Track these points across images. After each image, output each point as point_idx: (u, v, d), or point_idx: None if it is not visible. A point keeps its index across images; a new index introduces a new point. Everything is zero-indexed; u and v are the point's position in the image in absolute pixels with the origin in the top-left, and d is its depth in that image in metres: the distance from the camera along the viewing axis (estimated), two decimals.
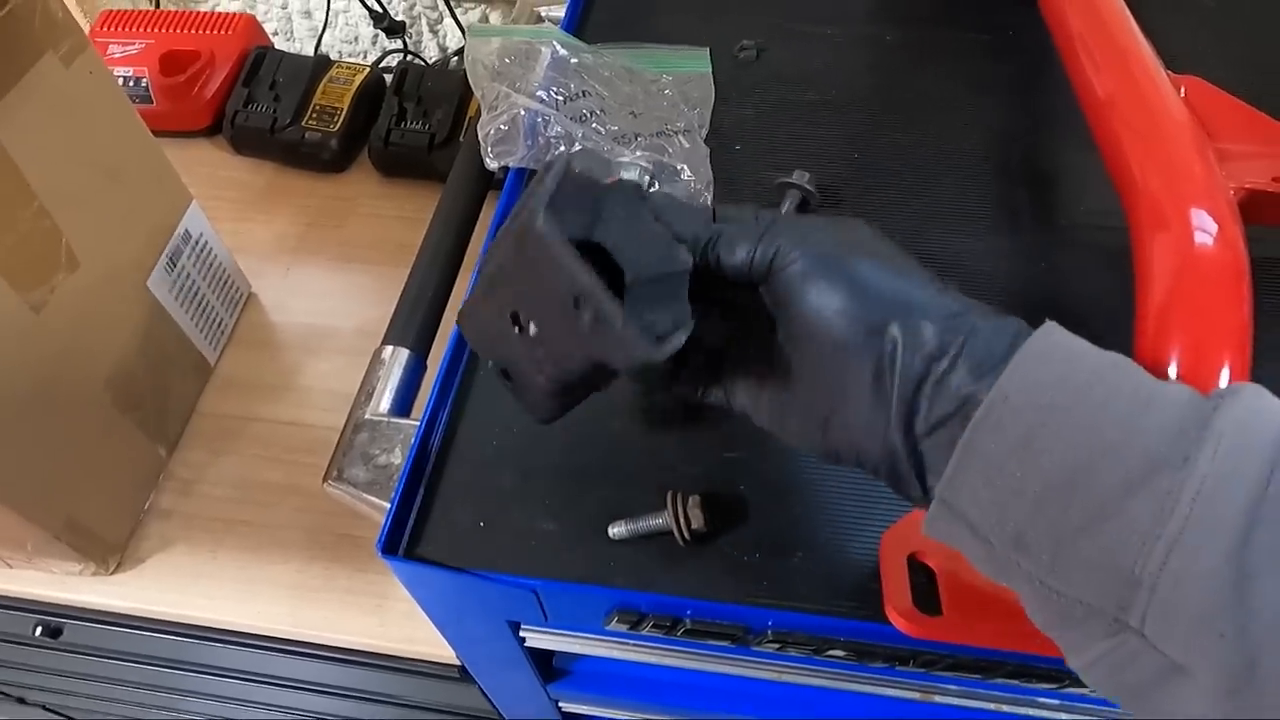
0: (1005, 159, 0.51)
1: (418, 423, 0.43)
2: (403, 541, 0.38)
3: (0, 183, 0.44)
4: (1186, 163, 0.37)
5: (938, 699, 0.42)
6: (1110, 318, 0.42)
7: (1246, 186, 0.37)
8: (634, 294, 0.27)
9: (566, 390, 0.31)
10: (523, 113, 0.48)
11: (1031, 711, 0.42)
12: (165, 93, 0.77)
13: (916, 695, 0.42)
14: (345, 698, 0.65)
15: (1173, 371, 0.33)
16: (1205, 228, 0.35)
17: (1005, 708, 0.42)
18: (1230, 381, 0.32)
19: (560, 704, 0.55)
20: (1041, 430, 0.25)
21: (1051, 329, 0.27)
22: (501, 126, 0.48)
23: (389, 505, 0.38)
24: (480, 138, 0.49)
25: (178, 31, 0.80)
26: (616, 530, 0.37)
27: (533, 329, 0.29)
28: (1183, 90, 0.42)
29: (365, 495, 0.42)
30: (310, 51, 0.99)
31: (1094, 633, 0.25)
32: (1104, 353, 0.27)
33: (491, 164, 0.49)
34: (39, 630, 0.64)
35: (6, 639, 0.69)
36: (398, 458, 0.43)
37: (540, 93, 0.51)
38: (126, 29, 0.80)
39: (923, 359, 0.27)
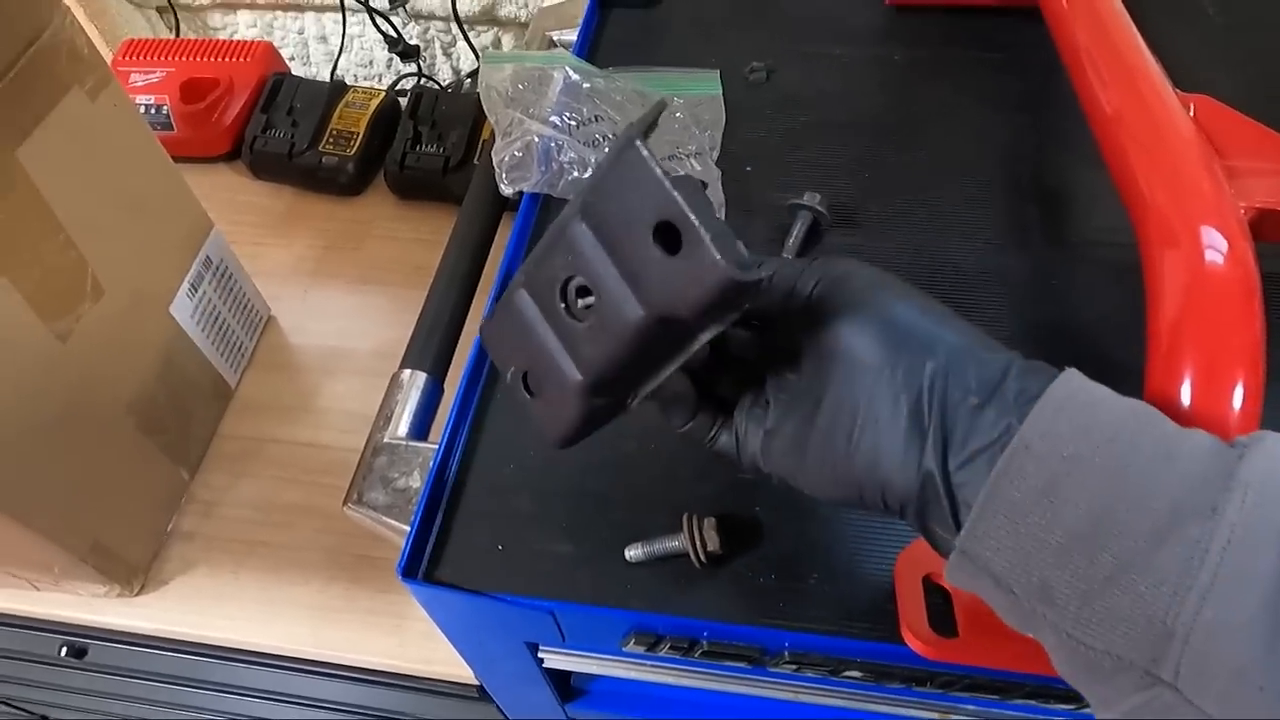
0: (1014, 177, 0.51)
1: (436, 446, 0.44)
2: (422, 565, 0.39)
3: (29, 217, 0.45)
4: (1195, 180, 0.37)
5: (955, 719, 0.42)
6: (1121, 334, 0.43)
7: (1257, 205, 0.37)
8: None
9: (600, 386, 0.30)
10: (536, 139, 0.49)
11: None
12: (186, 120, 0.79)
13: (935, 716, 0.42)
14: (365, 716, 0.66)
15: (1186, 389, 0.33)
16: (1215, 245, 0.35)
17: None
18: (1243, 401, 0.33)
19: None
20: (1065, 480, 0.25)
21: (1071, 376, 0.27)
22: (516, 153, 0.49)
23: (409, 529, 0.39)
24: (495, 164, 0.50)
25: (198, 59, 0.81)
26: (633, 553, 0.37)
27: (582, 303, 0.29)
28: (1191, 108, 0.42)
29: (385, 519, 0.43)
30: (326, 76, 1.01)
31: (1125, 686, 0.24)
32: (1124, 400, 0.27)
33: (506, 190, 0.50)
34: (64, 651, 0.65)
35: (33, 659, 0.70)
36: (416, 481, 0.44)
37: (554, 118, 0.51)
38: (148, 58, 0.82)
39: (962, 390, 0.27)
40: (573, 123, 0.52)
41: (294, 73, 0.84)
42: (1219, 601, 0.22)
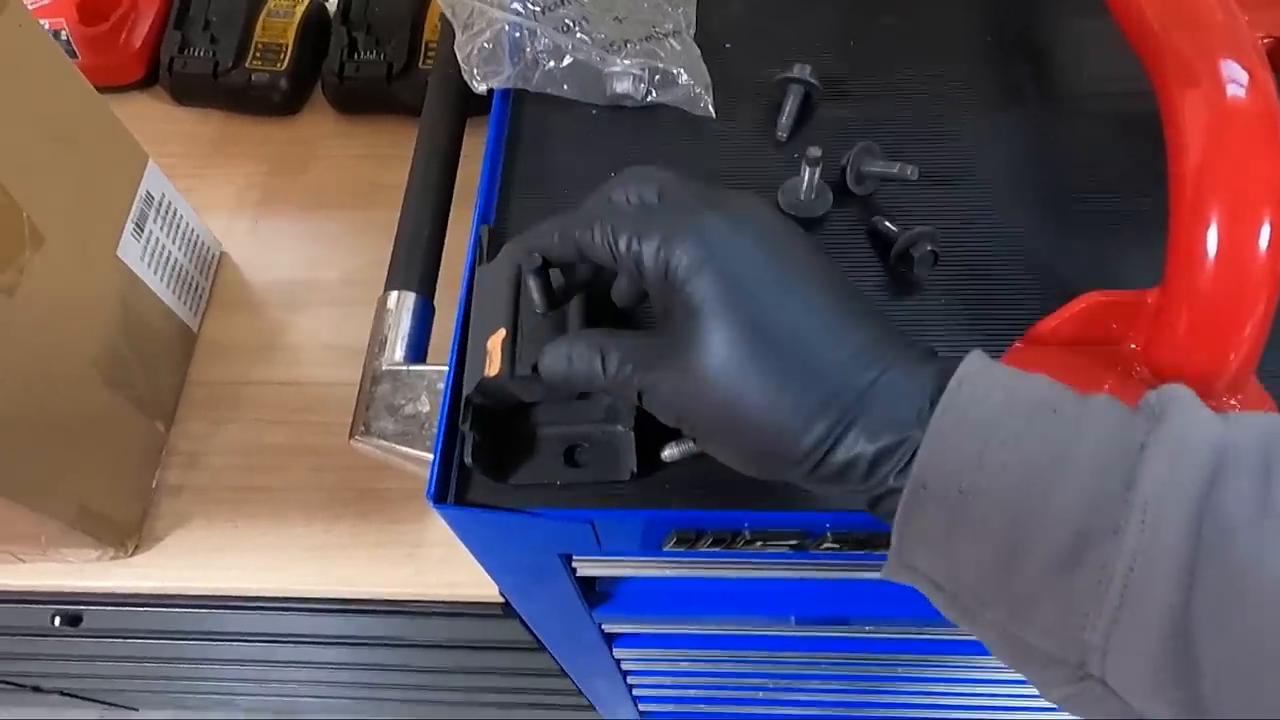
0: (1001, 33, 0.49)
1: (439, 369, 0.42)
2: (451, 488, 0.37)
3: None
4: (1209, 11, 0.36)
5: None
6: (1126, 184, 0.42)
7: (1264, 37, 0.37)
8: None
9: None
10: (505, 28, 0.45)
11: None
12: (89, 45, 0.71)
13: None
14: (383, 646, 0.66)
15: (1213, 234, 0.33)
16: (1237, 79, 0.34)
17: None
18: (1270, 240, 0.32)
19: (603, 626, 0.56)
20: (966, 514, 0.24)
21: (963, 380, 0.25)
22: (485, 45, 0.45)
23: (432, 454, 0.37)
24: (461, 59, 0.46)
25: None
26: (669, 452, 0.36)
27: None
28: None
29: (398, 447, 0.41)
30: None
31: (1059, 677, 0.25)
32: (1019, 398, 0.25)
33: (479, 86, 0.46)
34: (58, 620, 0.63)
35: (25, 632, 0.68)
36: (425, 405, 0.42)
37: (516, 4, 0.47)
38: None
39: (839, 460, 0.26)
40: (537, 8, 0.48)
41: None
42: (1127, 625, 0.23)
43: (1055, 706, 0.27)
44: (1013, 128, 0.45)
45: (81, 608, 0.62)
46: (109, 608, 0.60)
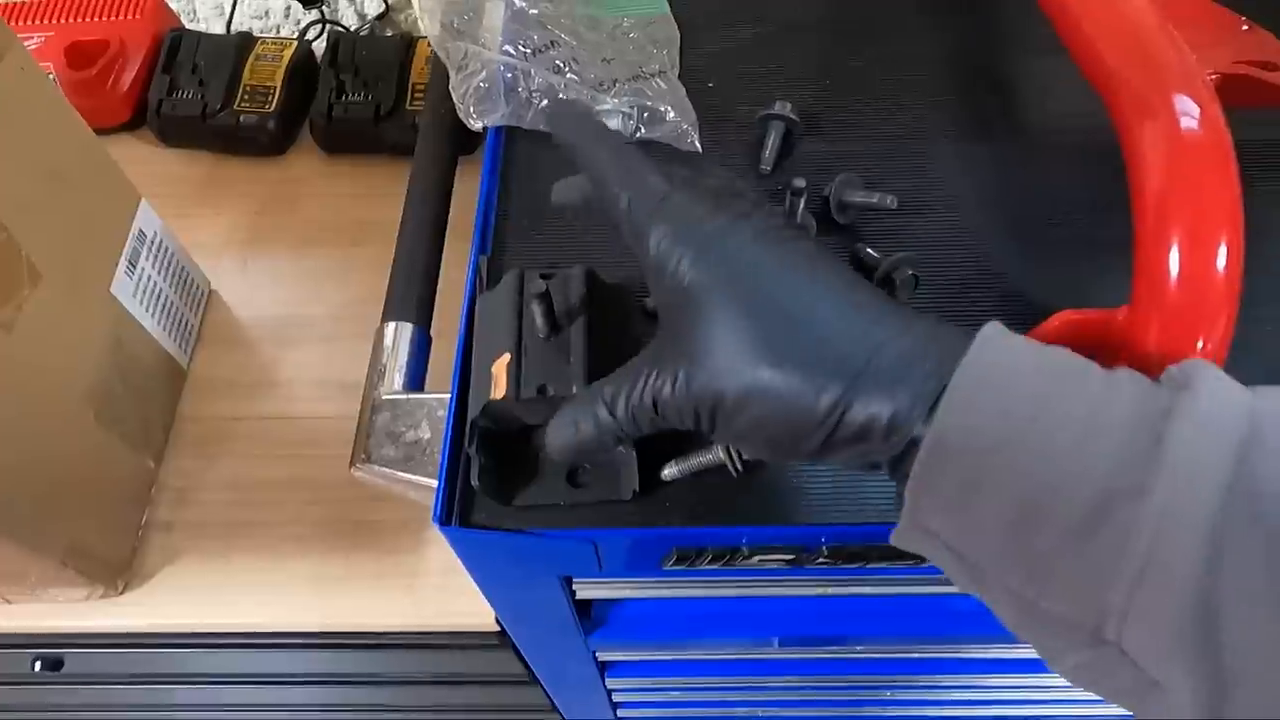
0: (970, 71, 0.52)
1: (438, 396, 0.43)
2: (455, 512, 0.38)
3: None
4: (1161, 50, 0.39)
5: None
6: (1091, 212, 0.45)
7: (1220, 71, 0.39)
8: None
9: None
10: (499, 68, 0.47)
11: None
12: (77, 89, 0.72)
13: (957, 589, 0.44)
14: (377, 684, 0.65)
15: (1174, 255, 0.35)
16: (1189, 112, 0.37)
17: None
18: (1226, 260, 0.35)
19: (597, 654, 0.56)
20: (989, 474, 0.24)
21: (985, 341, 0.25)
22: (481, 85, 0.47)
23: (435, 479, 0.38)
24: (457, 99, 0.48)
25: (80, 20, 0.74)
26: (669, 471, 0.38)
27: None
28: None
29: (400, 474, 0.42)
30: (216, 30, 0.94)
31: (1073, 642, 0.25)
32: (1044, 360, 0.25)
33: (475, 124, 0.48)
34: (38, 665, 0.62)
35: (1, 680, 0.66)
36: (426, 432, 0.42)
37: (507, 47, 0.49)
38: (21, 22, 0.74)
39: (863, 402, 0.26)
40: (527, 50, 0.50)
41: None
42: (1150, 588, 0.23)
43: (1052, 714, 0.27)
44: (985, 159, 0.47)
45: (64, 651, 0.61)
46: (93, 650, 0.59)
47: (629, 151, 0.31)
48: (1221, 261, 0.34)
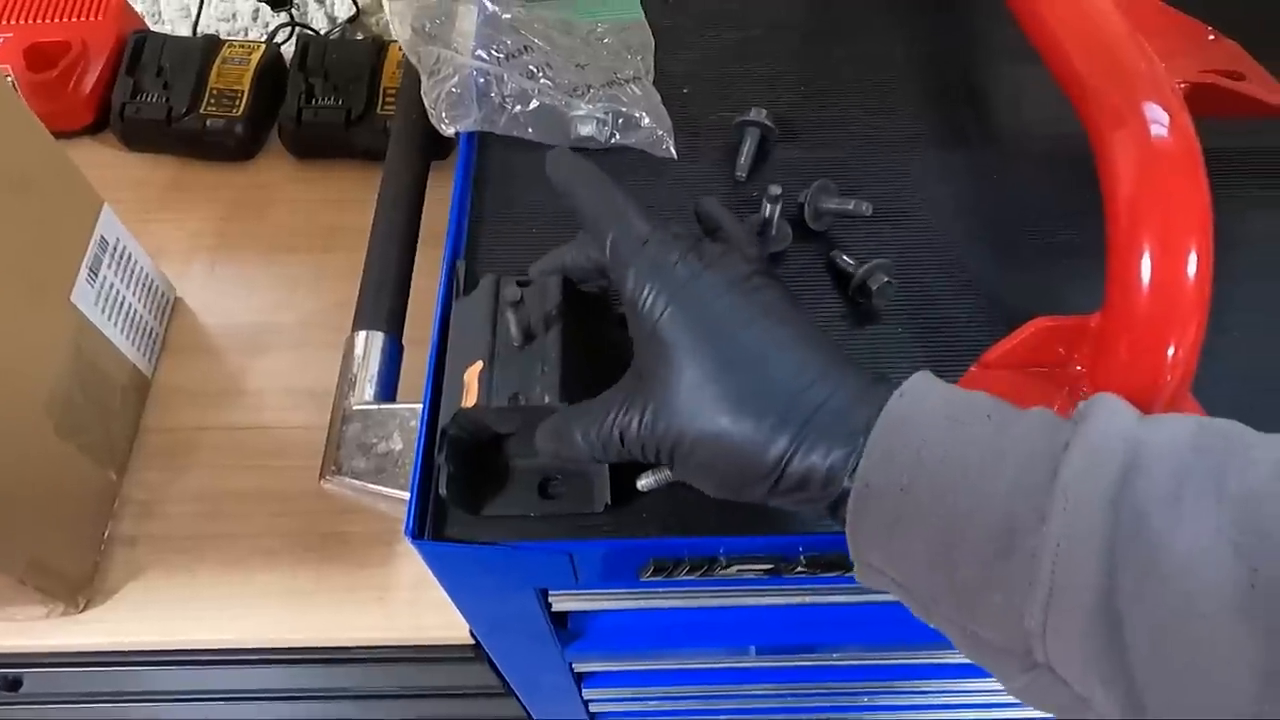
0: (944, 77, 0.52)
1: (410, 406, 0.42)
2: (427, 524, 0.37)
3: None
4: (1132, 60, 0.39)
5: None
6: (1063, 219, 0.45)
7: (1189, 80, 0.40)
8: None
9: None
10: (472, 73, 0.46)
11: None
12: (37, 91, 0.70)
13: None
14: (349, 698, 0.64)
15: (1146, 262, 0.35)
16: (1159, 120, 0.37)
17: None
18: (1196, 265, 0.35)
19: (574, 665, 0.55)
20: (907, 510, 0.26)
21: (905, 390, 0.28)
22: (453, 90, 0.46)
23: (408, 491, 0.37)
24: (428, 104, 0.47)
25: (40, 21, 0.72)
26: (644, 481, 0.37)
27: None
28: None
29: (370, 486, 0.41)
30: (183, 33, 0.92)
31: (1013, 667, 0.26)
32: (958, 404, 0.28)
33: (447, 129, 0.47)
34: None
35: None
36: (398, 444, 0.42)
37: (480, 52, 0.49)
38: None
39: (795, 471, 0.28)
40: (500, 55, 0.49)
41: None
42: (1058, 610, 0.24)
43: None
44: (960, 166, 0.48)
45: (22, 670, 0.59)
46: (53, 669, 0.57)
47: (618, 193, 0.34)
48: (1192, 268, 0.35)
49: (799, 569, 0.39)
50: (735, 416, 0.28)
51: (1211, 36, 0.47)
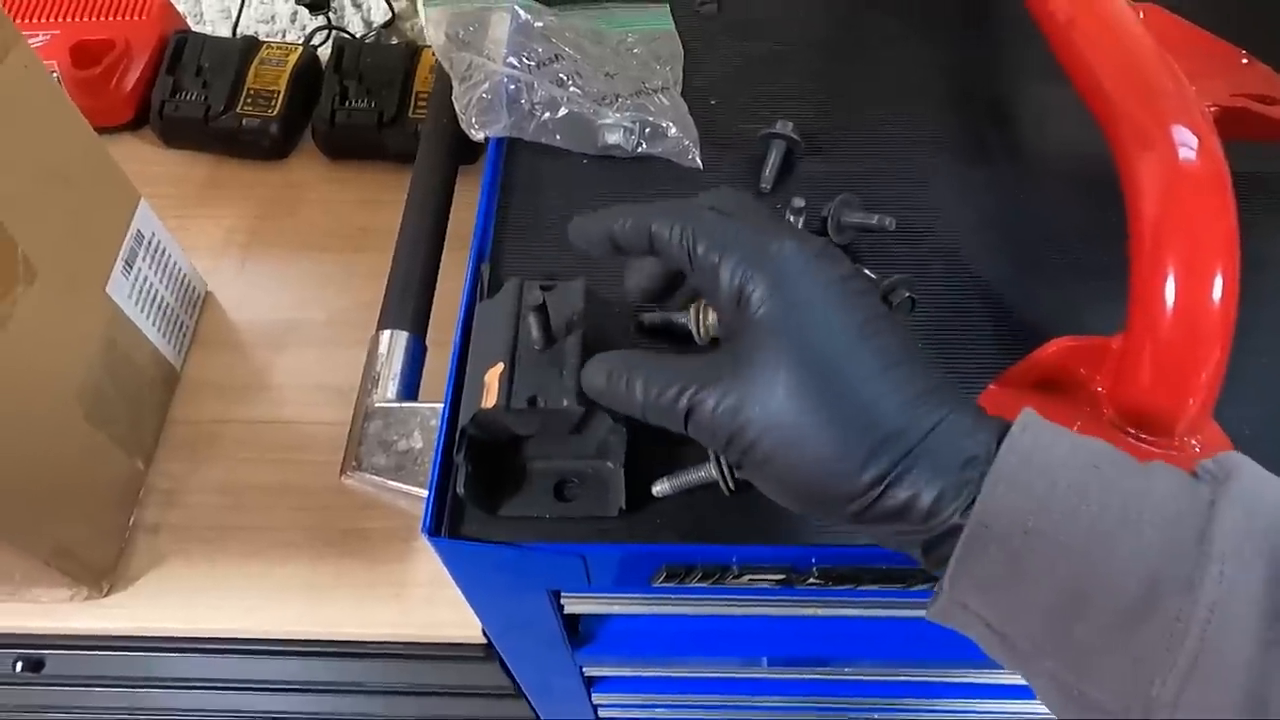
0: (969, 95, 0.52)
1: (432, 406, 0.42)
2: (444, 522, 0.38)
3: None
4: (1160, 81, 0.39)
5: None
6: (1090, 240, 0.45)
7: (1220, 104, 0.40)
8: None
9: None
10: (503, 80, 0.47)
11: None
12: (80, 87, 0.72)
13: None
14: (362, 693, 0.64)
15: (1170, 285, 0.35)
16: (1187, 143, 0.37)
17: None
18: (1222, 291, 0.35)
19: (584, 669, 0.56)
20: (1030, 556, 0.24)
21: (1025, 428, 0.26)
22: (484, 96, 0.47)
23: (427, 489, 0.38)
24: (459, 109, 0.48)
25: (86, 19, 0.74)
26: (660, 487, 0.37)
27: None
28: (1141, 16, 0.44)
29: (390, 483, 0.41)
30: (223, 34, 0.94)
31: None
32: (1083, 450, 0.26)
33: (477, 135, 0.48)
34: (19, 666, 0.61)
35: None
36: (418, 442, 0.42)
37: (511, 59, 0.50)
38: (26, 19, 0.74)
39: (897, 500, 0.26)
40: (531, 63, 0.50)
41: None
42: (1201, 681, 0.22)
43: None
44: (983, 184, 0.48)
45: (45, 652, 0.60)
46: (76, 651, 0.59)
47: (651, 204, 0.31)
48: (1217, 292, 0.34)
49: (811, 580, 0.39)
50: (833, 427, 0.26)
51: (1245, 60, 0.46)
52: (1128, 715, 0.24)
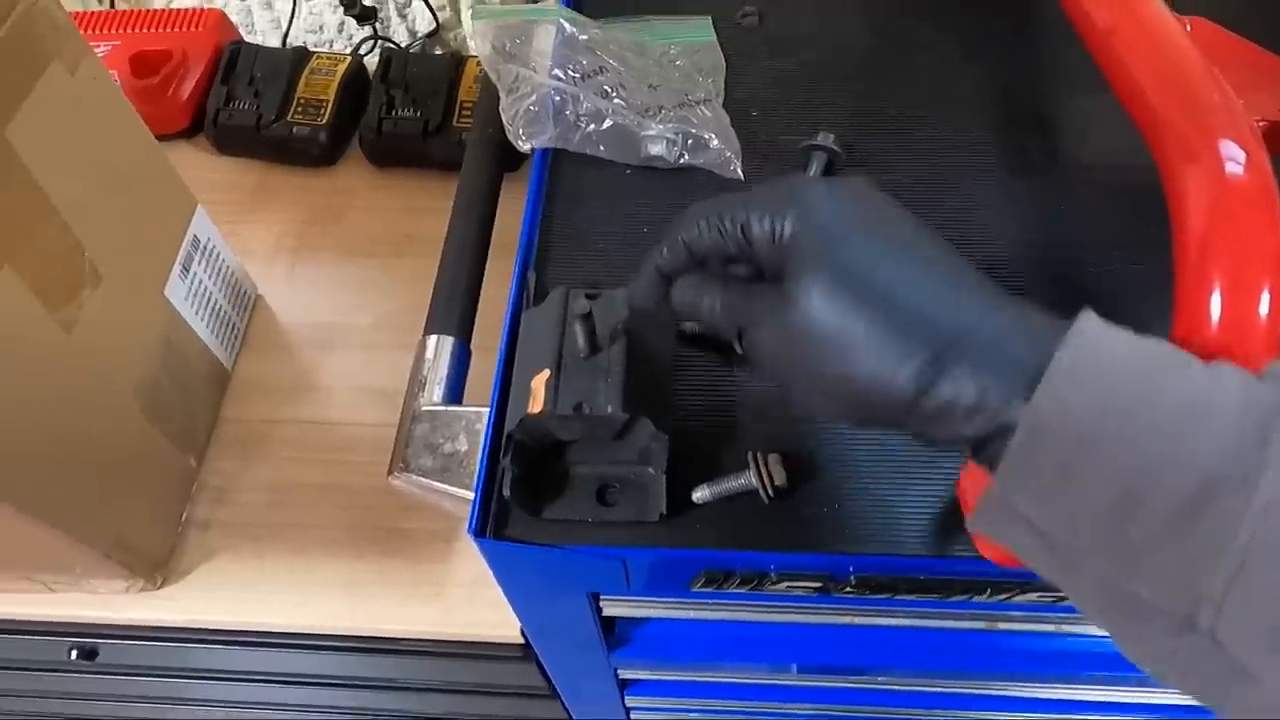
0: (1010, 106, 0.52)
1: (477, 409, 0.43)
2: (490, 524, 0.39)
3: (24, 200, 0.43)
4: (1207, 94, 0.39)
5: (1001, 626, 0.44)
6: (1132, 251, 0.45)
7: (1269, 118, 0.39)
8: None
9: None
10: (549, 92, 0.48)
11: (1090, 629, 0.45)
12: (139, 96, 0.74)
13: (983, 625, 0.44)
14: (401, 690, 0.66)
15: (1216, 300, 0.35)
16: (1235, 157, 0.36)
17: (1065, 627, 0.44)
18: (1270, 306, 0.34)
19: (619, 671, 0.56)
20: (1087, 459, 0.24)
21: (1083, 328, 0.26)
22: (531, 108, 0.48)
23: (471, 491, 0.39)
24: (506, 120, 0.49)
25: (145, 31, 0.77)
26: (700, 494, 0.38)
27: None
28: (1188, 28, 0.44)
29: (436, 484, 0.43)
30: (273, 44, 0.97)
31: (1161, 629, 0.24)
32: (1143, 349, 0.25)
33: (524, 145, 0.49)
34: (74, 654, 0.63)
35: (38, 667, 0.68)
36: (464, 444, 0.43)
37: (556, 71, 0.51)
38: (89, 31, 0.77)
39: (951, 399, 0.26)
40: (576, 75, 0.51)
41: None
42: (1251, 575, 0.22)
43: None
44: (1023, 194, 0.48)
45: (100, 641, 0.62)
46: (128, 641, 0.61)
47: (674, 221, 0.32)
48: (1265, 308, 0.34)
49: (849, 589, 0.39)
50: (872, 330, 0.26)
51: None
52: (1174, 610, 0.24)
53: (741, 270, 0.32)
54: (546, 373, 0.37)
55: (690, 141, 0.49)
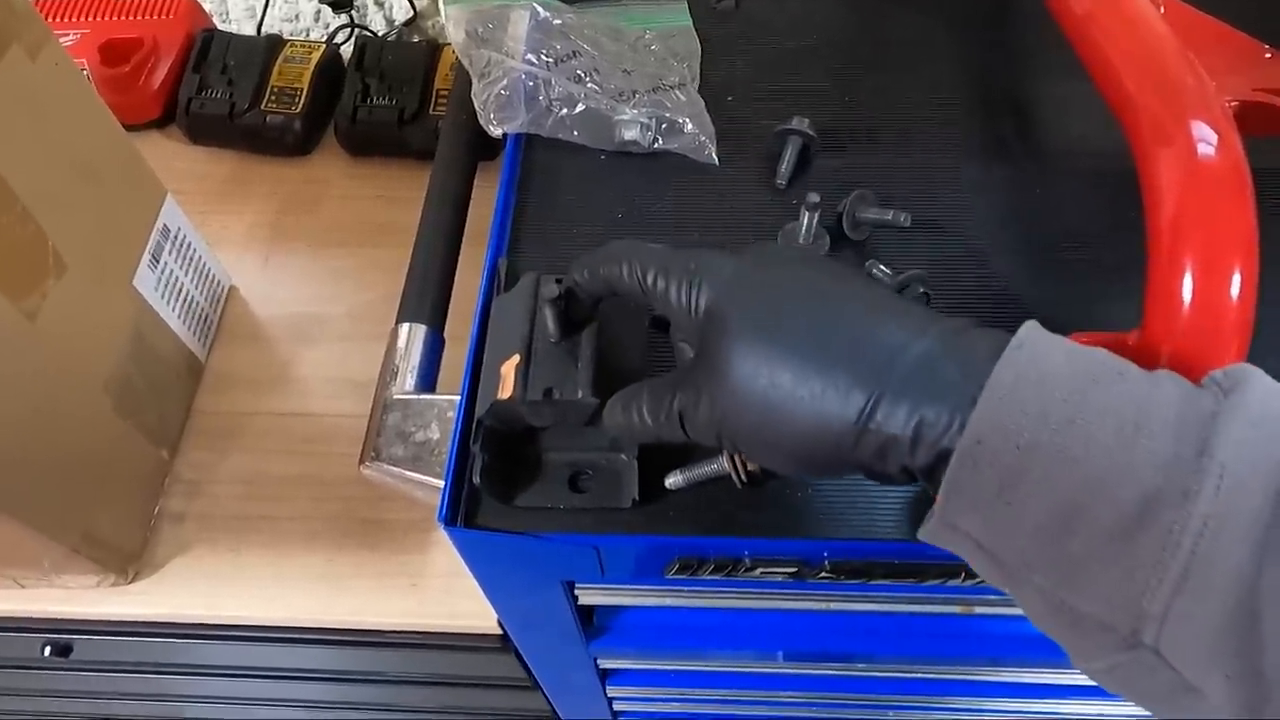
0: (987, 92, 0.52)
1: (449, 398, 0.43)
2: (460, 512, 0.38)
3: None
4: (1180, 76, 0.39)
5: (978, 610, 0.44)
6: (1107, 236, 0.45)
7: (1239, 98, 0.39)
8: None
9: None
10: (521, 76, 0.48)
11: None
12: (109, 84, 0.73)
13: (959, 610, 0.44)
14: (380, 683, 0.65)
15: (1188, 282, 0.35)
16: (1206, 139, 0.36)
17: None
18: (1240, 288, 0.34)
19: (599, 661, 0.56)
20: (1025, 473, 0.24)
21: (1023, 341, 0.25)
22: (502, 92, 0.48)
23: (443, 479, 0.38)
24: (477, 106, 0.49)
25: (115, 18, 0.76)
26: (673, 480, 0.38)
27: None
28: (1161, 10, 0.44)
29: (409, 473, 0.42)
30: (248, 32, 0.95)
31: (1106, 644, 0.24)
32: (1082, 361, 0.25)
33: (495, 131, 0.48)
34: (47, 650, 0.63)
35: (12, 664, 0.67)
36: (435, 433, 0.43)
37: (529, 56, 0.50)
38: (57, 19, 0.76)
39: (882, 435, 0.25)
40: (550, 60, 0.50)
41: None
42: (1192, 593, 0.22)
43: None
44: (999, 179, 0.48)
45: (73, 637, 0.62)
46: (102, 636, 0.60)
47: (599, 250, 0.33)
48: (1235, 289, 0.34)
49: (823, 574, 0.39)
50: (800, 381, 0.26)
51: (1268, 54, 0.46)
52: (1117, 625, 0.23)
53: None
54: (516, 358, 0.36)
55: (665, 126, 0.49)
